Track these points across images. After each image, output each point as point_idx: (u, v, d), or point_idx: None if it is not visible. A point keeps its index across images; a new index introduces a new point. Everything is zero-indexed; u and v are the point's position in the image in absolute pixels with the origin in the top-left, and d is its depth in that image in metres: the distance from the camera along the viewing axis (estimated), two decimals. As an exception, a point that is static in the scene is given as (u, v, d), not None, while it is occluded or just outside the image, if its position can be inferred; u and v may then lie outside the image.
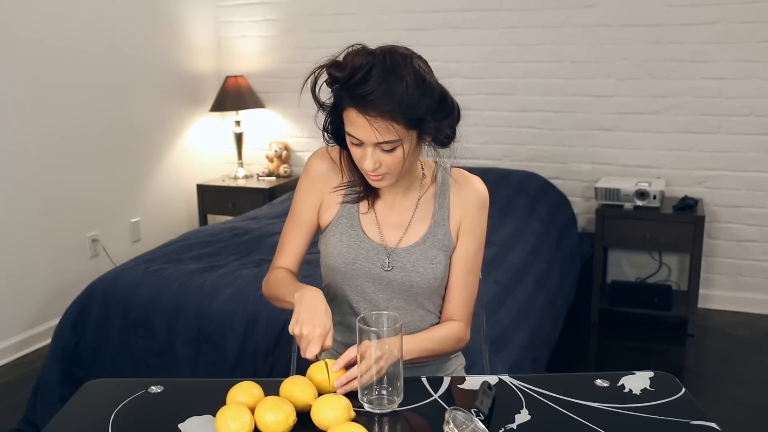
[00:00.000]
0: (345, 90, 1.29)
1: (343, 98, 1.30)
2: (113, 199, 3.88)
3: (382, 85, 1.26)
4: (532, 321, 2.48)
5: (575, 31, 3.77)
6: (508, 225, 3.08)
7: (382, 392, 1.20)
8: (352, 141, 1.34)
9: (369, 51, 1.31)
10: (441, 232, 1.47)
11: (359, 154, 1.35)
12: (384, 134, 1.28)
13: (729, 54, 3.52)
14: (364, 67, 1.27)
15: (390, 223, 1.48)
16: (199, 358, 2.35)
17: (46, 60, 3.40)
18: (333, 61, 1.32)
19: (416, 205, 1.49)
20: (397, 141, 1.30)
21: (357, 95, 1.27)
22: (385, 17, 4.12)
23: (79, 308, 2.54)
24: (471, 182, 1.50)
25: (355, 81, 1.27)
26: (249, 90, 4.40)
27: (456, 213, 1.48)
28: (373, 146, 1.31)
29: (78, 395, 1.30)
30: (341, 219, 1.49)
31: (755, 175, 3.59)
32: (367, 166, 1.33)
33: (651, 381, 1.29)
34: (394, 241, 1.47)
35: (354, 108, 1.28)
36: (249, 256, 2.74)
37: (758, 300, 3.70)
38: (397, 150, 1.32)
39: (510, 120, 3.99)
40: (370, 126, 1.27)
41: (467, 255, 1.49)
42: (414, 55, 1.33)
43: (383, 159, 1.33)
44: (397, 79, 1.26)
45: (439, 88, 1.34)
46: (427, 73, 1.32)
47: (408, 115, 1.28)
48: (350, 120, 1.31)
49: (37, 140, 3.39)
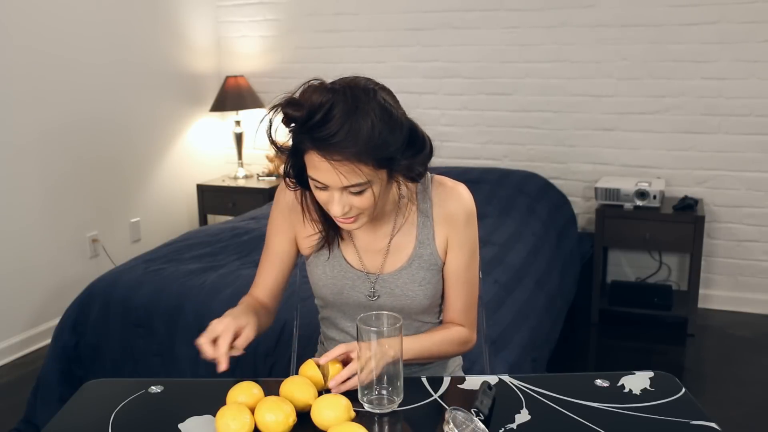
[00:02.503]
0: (304, 132, 1.18)
1: (303, 141, 1.19)
2: (113, 199, 3.88)
3: (345, 125, 1.14)
4: (532, 321, 2.48)
5: (575, 31, 3.77)
6: (508, 225, 3.08)
7: (382, 392, 1.20)
8: (317, 185, 1.23)
9: (328, 87, 1.19)
10: (427, 253, 1.40)
11: (325, 198, 1.25)
12: (351, 178, 1.18)
13: (729, 54, 3.52)
14: (324, 106, 1.15)
15: (370, 249, 1.42)
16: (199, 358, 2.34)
17: (46, 59, 3.40)
18: (289, 98, 1.20)
19: (397, 228, 1.40)
20: (366, 183, 1.20)
21: (318, 138, 1.16)
22: (385, 17, 4.12)
23: (79, 308, 2.54)
24: (454, 193, 1.40)
25: (315, 122, 1.15)
26: (249, 90, 4.40)
27: (441, 230, 1.40)
28: (340, 190, 1.22)
29: (78, 395, 1.30)
30: (322, 251, 1.44)
31: (755, 175, 3.59)
32: (335, 211, 1.24)
33: (651, 381, 1.29)
34: (377, 266, 1.41)
35: (316, 151, 1.17)
36: (249, 256, 2.74)
37: (758, 300, 3.70)
38: (366, 192, 1.22)
39: (510, 120, 3.99)
40: (335, 170, 1.17)
41: (458, 268, 1.42)
42: (378, 87, 1.22)
43: (352, 202, 1.23)
44: (361, 117, 1.15)
45: (408, 122, 1.24)
46: (393, 107, 1.22)
47: (375, 155, 1.18)
48: (312, 164, 1.20)
49: (37, 140, 3.39)
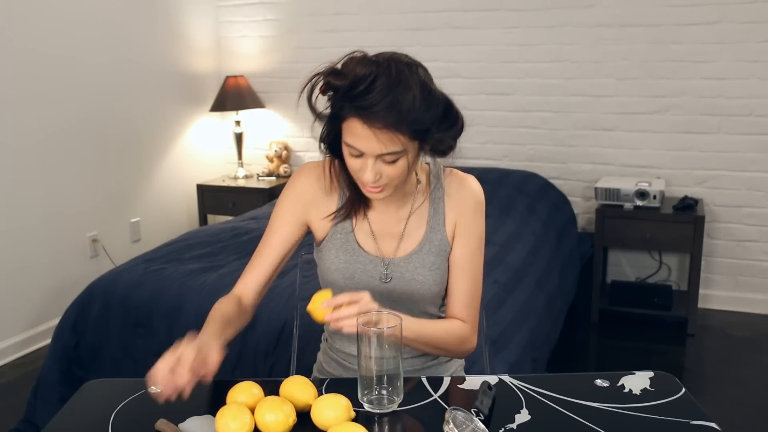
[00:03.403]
0: (346, 100, 1.23)
1: (344, 108, 1.24)
2: (113, 199, 3.88)
3: (387, 96, 1.20)
4: (532, 321, 2.48)
5: (575, 31, 3.77)
6: (508, 225, 3.08)
7: (382, 392, 1.20)
8: (352, 152, 1.28)
9: (372, 60, 1.25)
10: (437, 238, 1.44)
11: (358, 166, 1.29)
12: (388, 146, 1.24)
13: (729, 54, 3.52)
14: (367, 78, 1.21)
15: (385, 232, 1.45)
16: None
17: (47, 60, 3.40)
18: (332, 69, 1.26)
19: (411, 213, 1.45)
20: (401, 152, 1.26)
21: (361, 106, 1.21)
22: (385, 17, 4.12)
23: (79, 308, 2.54)
24: (465, 183, 1.47)
25: (358, 91, 1.21)
26: (249, 90, 4.40)
27: (451, 216, 1.45)
28: (375, 158, 1.26)
29: (78, 395, 1.30)
30: (335, 234, 1.45)
31: (755, 175, 3.59)
32: (367, 177, 1.28)
33: (651, 381, 1.29)
34: (391, 251, 1.45)
35: (357, 118, 1.23)
36: (249, 256, 2.72)
37: (758, 300, 3.70)
38: (399, 161, 1.28)
39: (510, 120, 3.99)
40: (375, 137, 1.22)
41: (462, 256, 1.45)
42: (418, 64, 1.28)
43: (384, 170, 1.28)
44: (403, 89, 1.21)
45: (443, 97, 1.30)
46: (431, 83, 1.28)
47: (414, 126, 1.23)
48: (351, 131, 1.25)
49: (38, 140, 3.39)
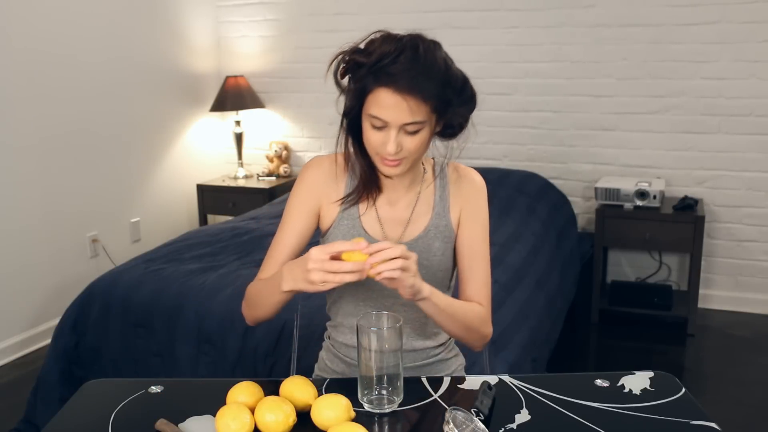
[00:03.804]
0: (375, 71, 1.27)
1: (371, 80, 1.29)
2: (113, 199, 3.88)
3: (417, 64, 1.26)
4: (532, 321, 2.48)
5: (575, 31, 3.77)
6: (508, 225, 3.08)
7: (382, 392, 1.20)
8: (375, 124, 1.32)
9: (397, 37, 1.30)
10: (442, 224, 1.48)
11: (381, 139, 1.33)
12: (414, 114, 1.28)
13: (729, 54, 3.52)
14: (394, 51, 1.26)
15: (392, 218, 1.48)
16: (199, 358, 2.35)
17: (46, 60, 3.40)
18: (356, 47, 1.32)
19: (417, 200, 1.49)
20: (424, 122, 1.31)
21: (391, 73, 1.26)
22: (385, 17, 4.12)
23: (79, 308, 2.54)
24: (468, 173, 1.53)
25: (387, 61, 1.26)
26: (249, 90, 4.40)
27: (456, 203, 1.50)
28: (398, 128, 1.30)
29: (78, 395, 1.30)
30: (342, 221, 1.47)
31: (755, 175, 3.59)
32: (390, 148, 1.31)
33: (651, 381, 1.29)
34: (396, 235, 1.47)
35: (386, 87, 1.27)
36: (249, 256, 2.74)
37: (758, 300, 3.70)
38: (420, 132, 1.32)
39: (510, 120, 3.99)
40: (405, 103, 1.27)
41: (471, 239, 1.49)
42: (438, 42, 1.34)
43: (405, 142, 1.32)
44: (431, 59, 1.28)
45: (462, 73, 1.35)
46: (451, 59, 1.35)
47: (440, 95, 1.29)
48: (378, 101, 1.29)
49: (37, 140, 3.39)
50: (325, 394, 1.19)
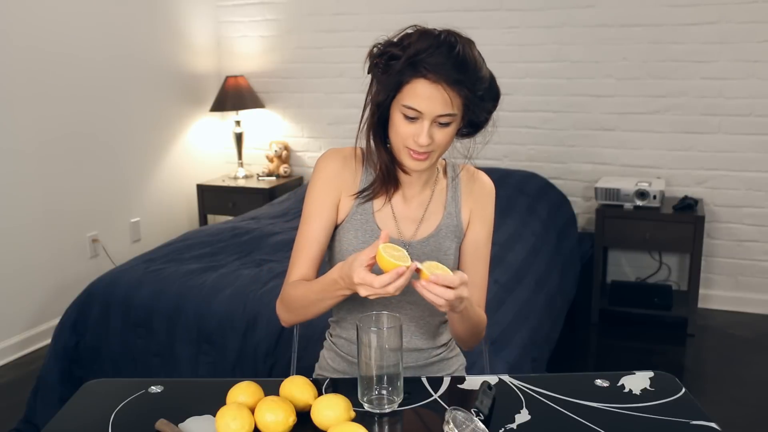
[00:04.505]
0: (413, 63, 1.29)
1: (409, 71, 1.30)
2: (113, 199, 3.88)
3: (455, 57, 1.29)
4: (532, 321, 2.48)
5: (575, 31, 3.77)
6: (508, 225, 3.08)
7: (382, 392, 1.20)
8: (408, 114, 1.33)
9: (434, 32, 1.33)
10: (453, 223, 1.50)
11: (413, 130, 1.33)
12: (448, 106, 1.30)
13: (729, 54, 3.52)
14: (432, 46, 1.29)
15: (406, 216, 1.49)
16: (199, 358, 2.35)
17: (46, 60, 3.40)
18: (390, 41, 1.34)
19: (431, 198, 1.51)
20: (455, 115, 1.33)
21: (431, 63, 1.28)
22: (385, 17, 4.11)
23: (79, 308, 2.54)
24: (480, 176, 1.57)
25: (426, 54, 1.28)
26: (249, 90, 4.40)
27: (467, 203, 1.53)
28: (431, 120, 1.32)
29: (78, 395, 1.30)
30: (355, 216, 1.47)
31: (755, 175, 3.59)
32: (423, 140, 1.32)
33: (651, 381, 1.29)
34: (410, 233, 1.48)
35: (424, 78, 1.29)
36: (249, 256, 2.74)
37: (758, 300, 3.70)
38: (451, 126, 1.34)
39: (510, 120, 3.99)
40: (443, 95, 1.29)
41: (477, 241, 1.52)
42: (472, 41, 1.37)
43: (435, 135, 1.34)
44: (467, 53, 1.31)
45: (490, 71, 1.39)
46: (483, 57, 1.37)
47: (474, 88, 1.32)
48: (414, 92, 1.30)
49: (37, 140, 3.39)
50: (325, 394, 1.19)
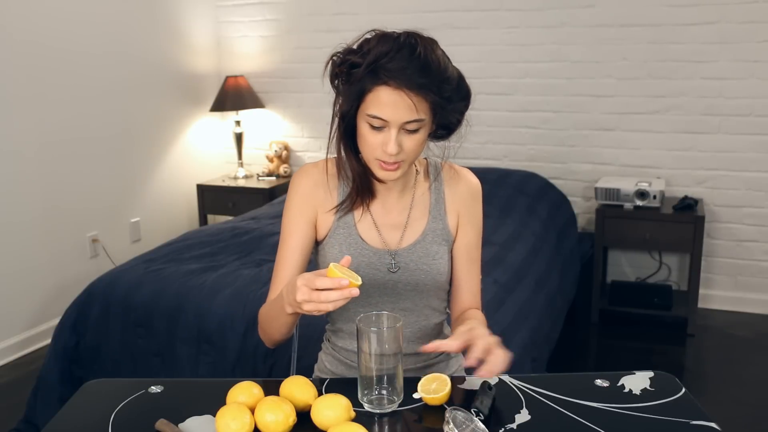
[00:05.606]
0: (374, 70, 1.24)
1: (370, 79, 1.25)
2: (113, 199, 3.88)
3: (417, 60, 1.24)
4: (532, 321, 2.48)
5: (575, 31, 3.77)
6: (508, 225, 3.08)
7: (382, 392, 1.20)
8: (374, 124, 1.28)
9: (393, 35, 1.28)
10: (440, 227, 1.46)
11: (380, 140, 1.29)
12: (414, 112, 1.25)
13: (729, 54, 3.52)
14: (392, 50, 1.24)
15: (388, 224, 1.46)
16: (199, 358, 2.35)
17: (46, 60, 3.40)
18: (350, 48, 1.29)
19: (413, 203, 1.47)
20: (422, 121, 1.28)
21: (392, 69, 1.23)
22: (385, 17, 4.11)
23: (79, 308, 2.54)
24: (463, 174, 1.51)
25: (387, 59, 1.23)
26: (249, 90, 4.40)
27: (452, 205, 1.48)
28: (398, 128, 1.27)
29: (78, 395, 1.30)
30: (337, 230, 1.44)
31: (755, 175, 3.59)
32: (390, 148, 1.28)
33: (651, 381, 1.29)
34: (395, 241, 1.45)
35: (386, 85, 1.24)
36: (249, 256, 2.74)
37: (758, 300, 3.70)
38: (420, 132, 1.30)
39: (510, 120, 3.99)
40: (403, 102, 1.24)
41: (469, 245, 1.50)
42: (434, 39, 1.32)
43: (404, 142, 1.29)
44: (430, 55, 1.25)
45: (457, 70, 1.34)
46: (447, 57, 1.33)
47: (439, 92, 1.26)
48: (377, 100, 1.26)
49: (37, 140, 3.39)
50: (325, 394, 1.19)
